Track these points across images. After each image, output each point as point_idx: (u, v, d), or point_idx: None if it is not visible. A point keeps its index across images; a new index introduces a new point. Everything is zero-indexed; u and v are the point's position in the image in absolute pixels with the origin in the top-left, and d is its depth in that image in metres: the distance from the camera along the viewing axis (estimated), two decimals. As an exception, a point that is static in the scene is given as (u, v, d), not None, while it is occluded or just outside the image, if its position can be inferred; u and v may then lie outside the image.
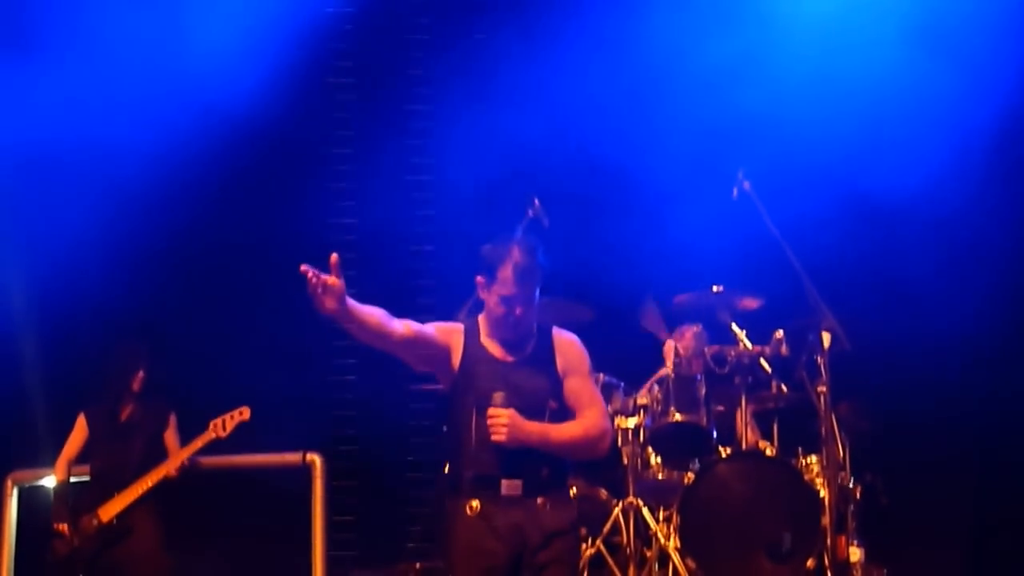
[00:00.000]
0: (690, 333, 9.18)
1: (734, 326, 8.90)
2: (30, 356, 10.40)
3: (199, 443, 8.90)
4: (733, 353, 8.74)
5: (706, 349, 8.83)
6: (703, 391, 8.69)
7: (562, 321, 8.69)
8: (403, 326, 5.82)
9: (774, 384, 8.83)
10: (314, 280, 5.46)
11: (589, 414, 5.93)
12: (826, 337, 8.32)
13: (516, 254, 5.86)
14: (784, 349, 8.56)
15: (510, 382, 5.84)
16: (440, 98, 10.89)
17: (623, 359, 9.11)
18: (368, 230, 10.87)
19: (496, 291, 5.89)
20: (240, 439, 9.00)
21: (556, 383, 5.92)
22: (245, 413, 8.93)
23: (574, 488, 8.01)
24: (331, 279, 5.49)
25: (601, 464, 7.94)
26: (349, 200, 11.03)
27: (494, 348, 5.97)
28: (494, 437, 5.71)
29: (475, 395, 5.83)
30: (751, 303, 9.06)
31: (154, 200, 10.28)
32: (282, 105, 10.59)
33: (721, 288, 8.97)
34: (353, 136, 11.11)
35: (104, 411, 9.05)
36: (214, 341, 10.46)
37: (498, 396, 5.74)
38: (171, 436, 9.01)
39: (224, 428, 8.90)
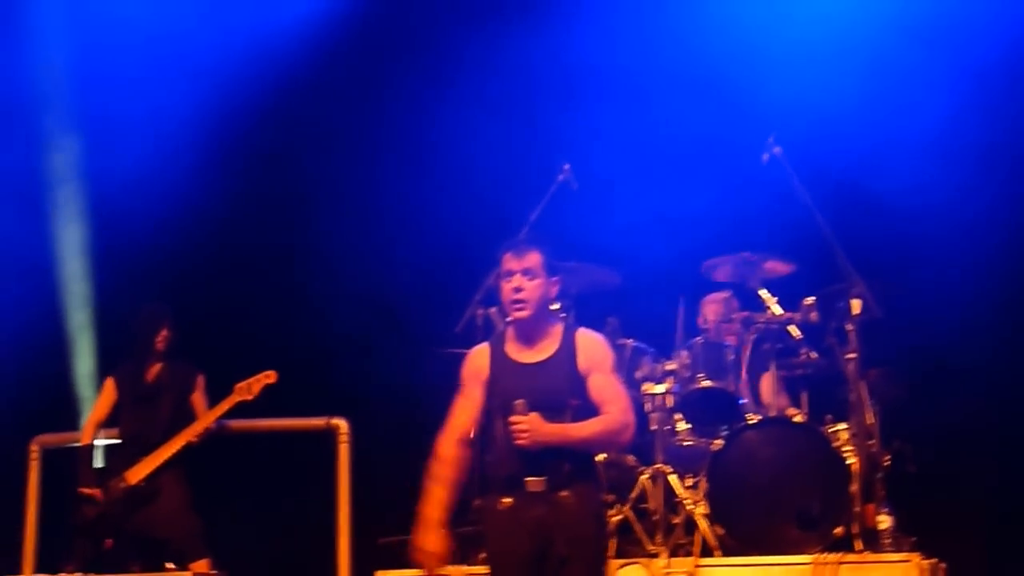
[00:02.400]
0: (720, 299, 9.14)
1: (763, 292, 8.85)
2: (59, 319, 10.46)
3: (225, 406, 8.91)
4: (763, 319, 8.70)
5: (735, 315, 8.78)
6: (732, 357, 8.67)
7: (590, 286, 8.76)
8: (463, 431, 6.24)
9: (803, 351, 8.78)
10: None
11: (611, 409, 6.11)
12: (856, 304, 8.27)
13: (505, 260, 6.20)
14: (814, 315, 8.52)
15: (532, 383, 6.09)
16: (468, 67, 10.85)
17: (652, 324, 9.09)
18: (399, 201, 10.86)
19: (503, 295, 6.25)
20: (266, 403, 9.00)
21: (577, 381, 6.12)
22: (272, 376, 8.94)
23: (603, 455, 8.00)
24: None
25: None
26: (376, 174, 11.00)
27: (517, 352, 6.22)
28: (517, 442, 5.97)
29: (500, 400, 6.11)
30: (781, 268, 9.01)
31: (181, 160, 10.29)
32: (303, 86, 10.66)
33: (750, 254, 8.92)
34: (375, 102, 11.09)
35: (131, 373, 9.04)
36: (240, 304, 10.47)
37: (519, 404, 5.97)
38: (199, 398, 9.01)
39: (251, 391, 8.91)
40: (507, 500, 6.09)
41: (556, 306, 7.11)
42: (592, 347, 6.20)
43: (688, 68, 10.09)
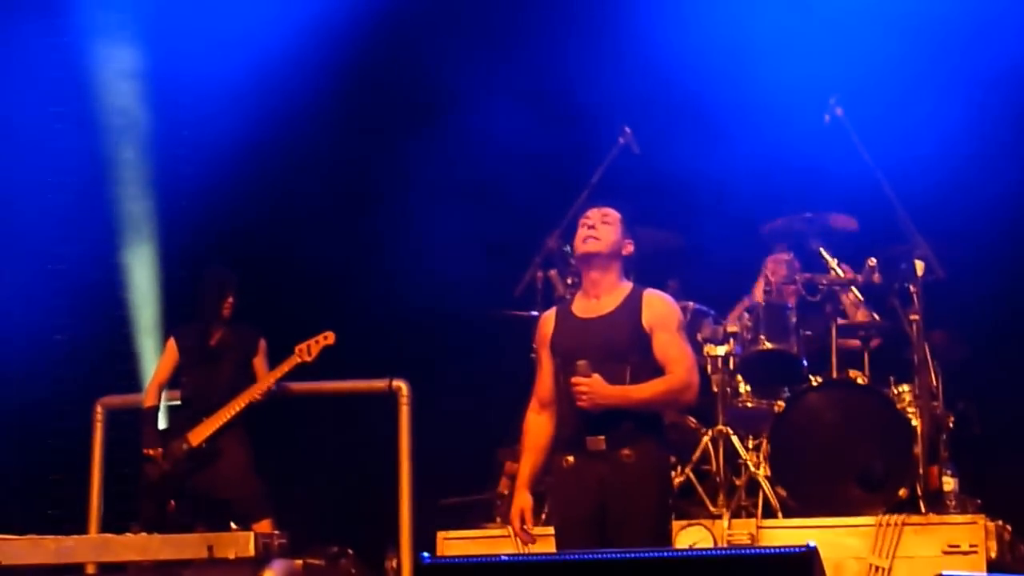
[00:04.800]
0: (781, 260, 9.09)
1: (825, 253, 8.80)
2: (123, 280, 10.52)
3: (285, 367, 8.92)
4: (825, 281, 8.65)
5: (797, 277, 8.74)
6: (794, 319, 8.62)
7: (650, 249, 8.73)
8: (547, 399, 6.28)
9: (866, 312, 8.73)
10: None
11: (675, 369, 6.13)
12: (919, 265, 8.24)
13: (586, 213, 6.33)
14: (876, 277, 8.48)
15: (591, 336, 6.13)
16: (529, 32, 10.81)
17: (713, 286, 9.06)
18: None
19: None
20: (328, 365, 9.03)
21: (639, 337, 6.13)
22: (330, 337, 8.94)
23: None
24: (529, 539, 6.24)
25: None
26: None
27: (581, 309, 6.27)
28: (578, 403, 6.00)
29: (561, 357, 6.17)
30: (846, 223, 8.96)
31: (243, 123, 10.32)
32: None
33: (811, 215, 8.88)
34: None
35: (194, 336, 9.08)
36: (300, 265, 10.51)
37: (582, 364, 6.00)
38: (260, 362, 9.03)
39: (309, 353, 8.92)
40: (570, 459, 6.12)
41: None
42: (658, 305, 6.20)
43: (750, 28, 10.02)
